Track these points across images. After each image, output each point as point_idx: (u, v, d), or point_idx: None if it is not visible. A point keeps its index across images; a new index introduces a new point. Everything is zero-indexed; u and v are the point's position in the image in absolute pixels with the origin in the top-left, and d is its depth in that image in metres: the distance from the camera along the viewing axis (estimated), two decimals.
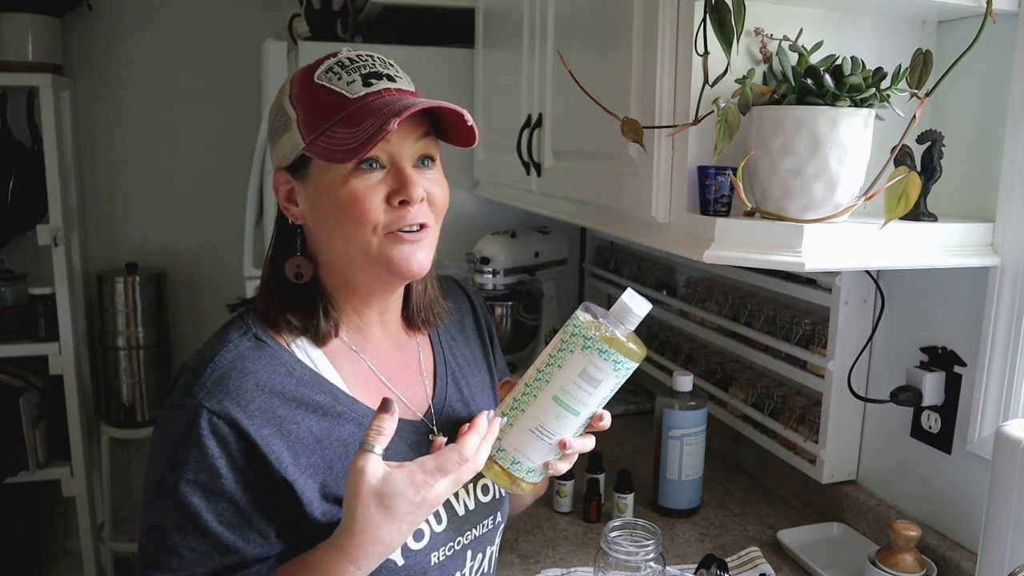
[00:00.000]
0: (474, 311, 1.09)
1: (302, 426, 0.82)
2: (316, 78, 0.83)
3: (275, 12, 2.58)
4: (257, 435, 0.78)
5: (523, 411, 0.83)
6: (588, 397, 0.82)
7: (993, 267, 1.08)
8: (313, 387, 0.85)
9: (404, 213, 0.83)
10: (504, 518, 1.01)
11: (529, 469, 0.84)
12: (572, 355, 0.82)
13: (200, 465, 0.77)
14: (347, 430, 0.85)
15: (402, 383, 0.94)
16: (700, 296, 1.79)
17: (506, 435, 0.84)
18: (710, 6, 0.94)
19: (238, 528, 0.79)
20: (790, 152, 0.93)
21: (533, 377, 0.84)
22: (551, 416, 0.82)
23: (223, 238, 2.73)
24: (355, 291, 0.90)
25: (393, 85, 0.84)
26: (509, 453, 0.84)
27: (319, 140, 0.81)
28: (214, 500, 0.78)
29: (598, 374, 0.81)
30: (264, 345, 0.84)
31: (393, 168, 0.83)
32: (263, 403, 0.80)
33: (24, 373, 2.51)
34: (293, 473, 0.80)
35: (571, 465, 0.87)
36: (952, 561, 1.17)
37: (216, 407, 0.78)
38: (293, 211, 0.88)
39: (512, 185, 1.77)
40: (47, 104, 2.36)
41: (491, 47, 1.97)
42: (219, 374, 0.80)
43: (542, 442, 0.83)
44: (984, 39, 0.94)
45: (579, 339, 0.82)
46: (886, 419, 1.34)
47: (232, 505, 0.78)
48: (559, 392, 0.82)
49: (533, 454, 0.84)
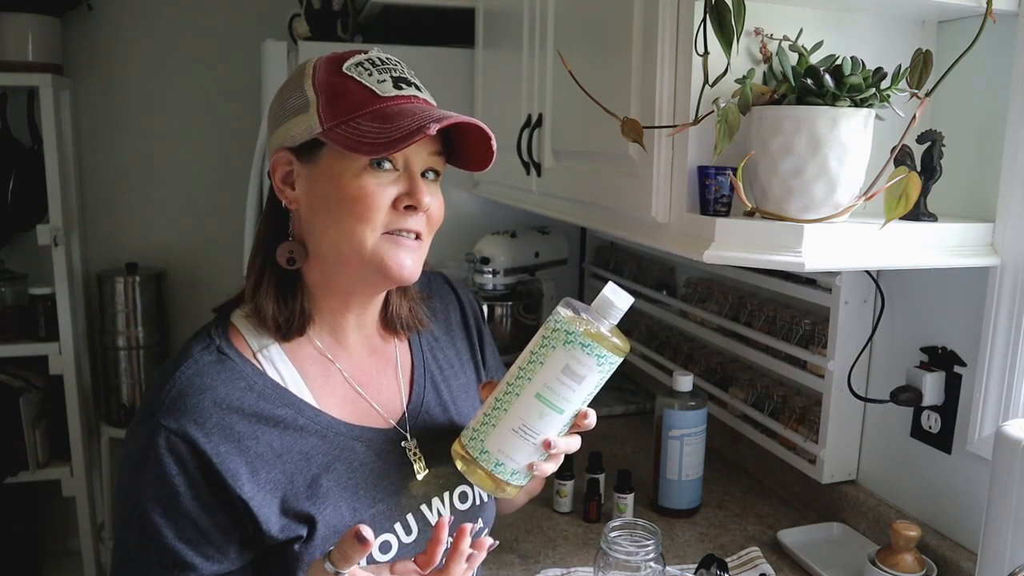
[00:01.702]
0: (461, 309, 1.07)
1: (261, 441, 0.81)
2: (345, 69, 0.83)
3: (275, 12, 2.58)
4: (213, 453, 0.78)
5: (506, 411, 0.81)
6: (572, 394, 0.80)
7: (993, 267, 1.08)
8: (274, 400, 0.84)
9: (407, 218, 0.83)
10: (488, 524, 0.99)
11: (513, 471, 0.82)
12: (554, 351, 0.80)
13: (159, 483, 0.78)
14: (310, 443, 0.84)
15: (375, 389, 0.93)
16: (700, 296, 1.79)
17: (489, 436, 0.81)
18: (710, 6, 0.94)
19: (196, 545, 0.79)
20: (790, 152, 0.93)
21: (515, 375, 0.82)
22: (534, 415, 0.80)
23: (223, 238, 2.73)
24: (335, 290, 0.88)
25: (420, 95, 0.84)
26: (492, 455, 0.81)
27: (340, 128, 0.80)
28: (173, 517, 0.78)
29: (581, 369, 0.80)
30: (225, 359, 0.83)
31: (406, 173, 0.83)
32: (220, 419, 0.79)
33: (24, 373, 2.51)
34: (250, 490, 0.79)
35: (556, 467, 0.85)
36: (952, 561, 1.17)
37: (173, 425, 0.78)
38: (288, 194, 0.86)
39: (512, 185, 1.77)
40: (47, 104, 2.36)
41: (491, 47, 1.97)
42: (177, 391, 0.80)
43: (526, 442, 0.81)
44: (984, 39, 0.93)
45: (561, 334, 0.80)
46: (886, 419, 1.34)
47: (190, 522, 0.78)
48: (542, 389, 0.80)
49: (517, 455, 0.81)
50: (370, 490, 0.87)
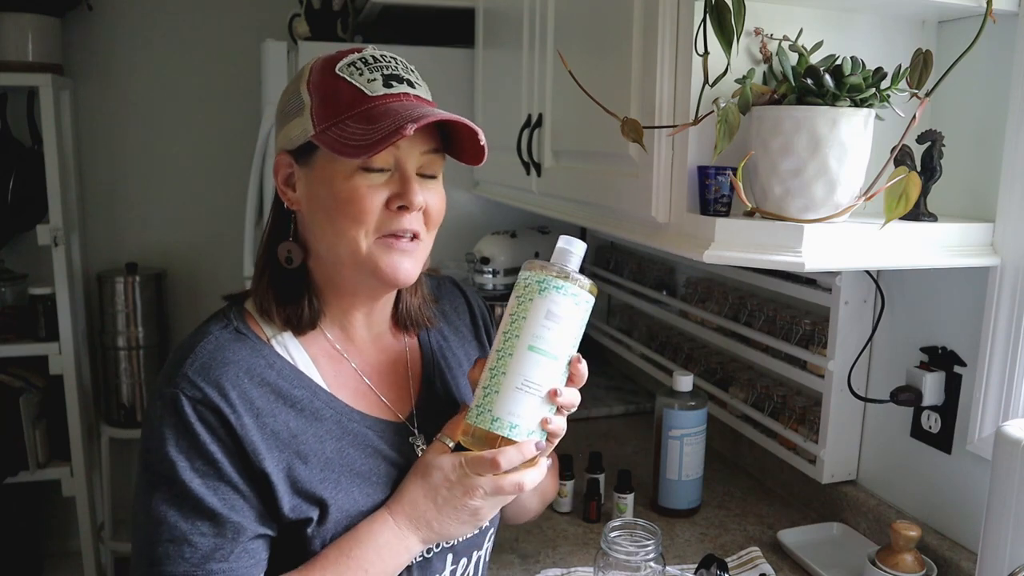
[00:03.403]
0: (471, 311, 1.09)
1: (279, 420, 0.82)
2: (337, 69, 0.83)
3: (275, 12, 2.58)
4: (237, 425, 0.79)
5: (504, 373, 0.82)
6: (559, 337, 0.82)
7: (993, 267, 1.08)
8: (292, 381, 0.85)
9: (400, 218, 0.83)
10: (493, 524, 1.00)
11: (529, 431, 0.82)
12: (532, 303, 0.83)
13: (195, 453, 0.78)
14: (324, 426, 0.85)
15: (385, 385, 0.94)
16: (700, 296, 1.79)
17: (495, 402, 0.82)
18: (710, 6, 0.94)
19: (234, 508, 0.79)
20: (790, 152, 0.93)
21: (502, 341, 0.83)
22: (532, 366, 0.82)
23: (223, 238, 2.73)
24: (340, 289, 0.89)
25: (412, 91, 0.84)
26: (504, 419, 0.82)
27: (330, 131, 0.81)
28: (212, 486, 0.78)
29: (561, 310, 0.82)
30: (244, 337, 0.85)
31: (398, 173, 0.83)
32: (242, 393, 0.80)
33: (24, 373, 2.51)
34: (269, 465, 0.80)
35: (565, 425, 0.86)
36: (952, 561, 1.17)
37: (198, 395, 0.78)
38: (290, 195, 0.88)
39: (512, 185, 1.77)
40: (47, 104, 2.36)
41: (491, 47, 1.97)
42: (200, 363, 0.80)
43: (532, 396, 0.82)
44: (984, 39, 0.94)
45: (533, 286, 0.83)
46: (886, 419, 1.34)
47: (231, 487, 0.79)
48: (532, 340, 0.82)
49: (527, 412, 0.82)
50: (382, 477, 0.87)
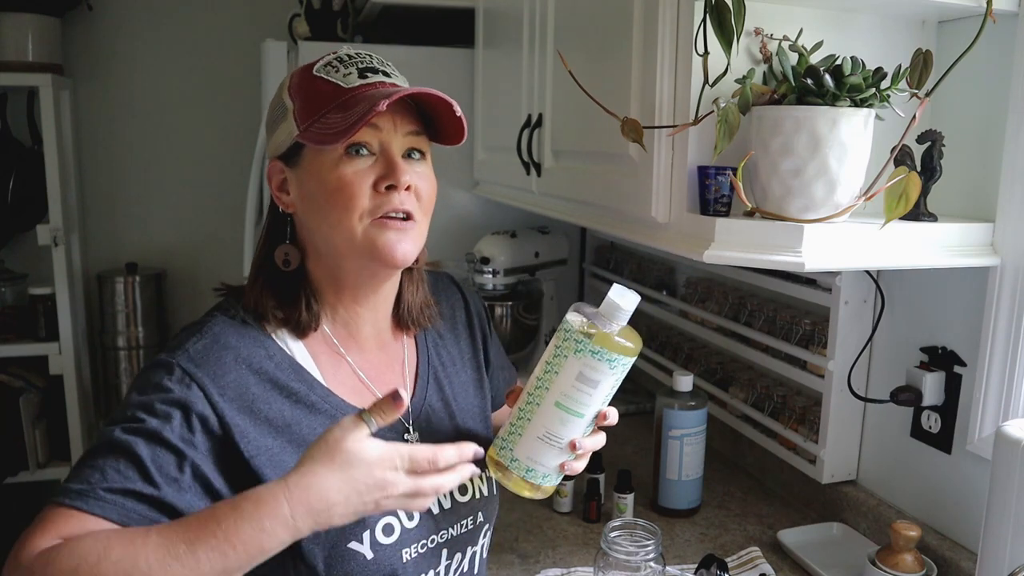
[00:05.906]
0: (467, 309, 1.09)
1: (273, 407, 0.83)
2: (315, 71, 0.86)
3: (275, 12, 2.58)
4: (224, 408, 0.80)
5: (529, 420, 0.84)
6: (589, 399, 0.83)
7: (993, 267, 1.08)
8: (289, 374, 0.86)
9: (390, 198, 0.84)
10: (488, 520, 1.00)
11: (545, 474, 0.86)
12: (567, 360, 0.82)
13: (156, 409, 0.77)
14: (318, 420, 0.86)
15: (382, 382, 0.95)
16: (700, 296, 1.79)
17: (516, 445, 0.85)
18: (710, 6, 0.94)
19: (161, 468, 0.76)
20: (790, 152, 0.93)
21: (534, 386, 0.85)
22: (556, 422, 0.83)
23: (223, 238, 2.73)
24: (343, 284, 0.90)
25: (388, 80, 0.87)
26: (523, 462, 0.85)
27: (312, 127, 0.83)
28: (157, 439, 0.76)
29: (595, 375, 0.82)
30: (248, 327, 0.86)
31: (382, 155, 0.85)
32: (238, 378, 0.82)
33: (24, 373, 2.51)
34: (254, 449, 0.80)
35: (585, 463, 0.89)
36: (952, 561, 1.17)
37: (192, 370, 0.80)
38: (284, 200, 0.90)
39: (512, 185, 1.77)
40: (47, 104, 2.35)
41: (491, 47, 1.97)
42: (203, 344, 0.82)
43: (552, 447, 0.84)
44: (984, 39, 0.94)
45: (571, 343, 0.82)
46: (886, 419, 1.34)
47: (171, 452, 0.76)
48: (560, 398, 0.83)
49: (546, 459, 0.85)
50: None
